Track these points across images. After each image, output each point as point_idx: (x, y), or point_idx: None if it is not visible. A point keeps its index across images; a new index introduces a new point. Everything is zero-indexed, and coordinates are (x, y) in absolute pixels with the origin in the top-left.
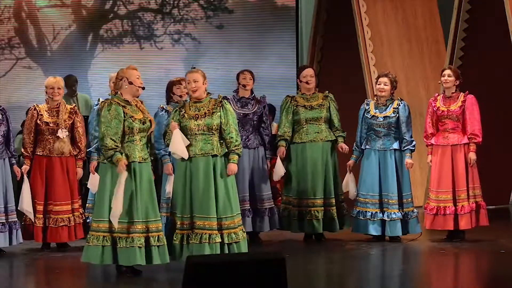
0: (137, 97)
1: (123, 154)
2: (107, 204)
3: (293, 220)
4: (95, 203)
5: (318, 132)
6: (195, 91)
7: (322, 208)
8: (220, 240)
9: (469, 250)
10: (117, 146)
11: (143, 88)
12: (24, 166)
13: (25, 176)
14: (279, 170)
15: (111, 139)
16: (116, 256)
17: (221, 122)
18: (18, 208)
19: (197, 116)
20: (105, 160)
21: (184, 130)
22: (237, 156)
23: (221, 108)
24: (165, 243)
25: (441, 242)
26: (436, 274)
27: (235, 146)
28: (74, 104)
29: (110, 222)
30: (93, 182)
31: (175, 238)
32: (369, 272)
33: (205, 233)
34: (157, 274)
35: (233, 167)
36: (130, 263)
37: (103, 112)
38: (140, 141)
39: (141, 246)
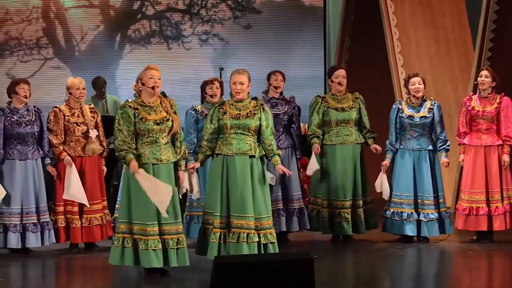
0: (154, 96)
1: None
2: (125, 205)
3: (322, 221)
4: (120, 204)
5: (348, 135)
6: (239, 93)
7: (350, 209)
8: (257, 239)
9: (498, 251)
10: (128, 147)
11: (153, 88)
12: (66, 158)
13: (73, 166)
14: (313, 165)
15: (122, 141)
16: (138, 258)
17: (260, 124)
18: (64, 197)
19: (238, 115)
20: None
21: (222, 129)
22: (279, 157)
23: (262, 110)
24: (186, 245)
25: (469, 243)
26: (469, 276)
27: (275, 148)
28: (90, 104)
29: (130, 223)
30: None
31: (212, 237)
32: (399, 273)
33: (243, 232)
34: (186, 274)
35: (281, 167)
36: (147, 265)
37: (117, 114)
38: (161, 140)
39: (155, 248)
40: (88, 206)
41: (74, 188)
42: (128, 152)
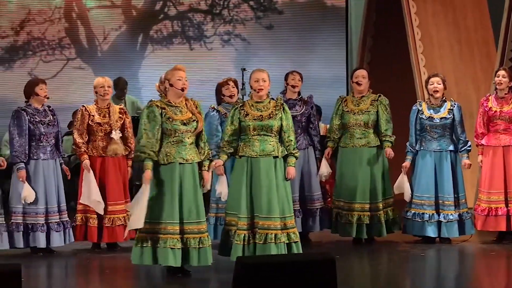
0: (181, 97)
1: (163, 159)
2: (148, 205)
3: (341, 224)
4: None
5: (363, 138)
6: (261, 90)
7: (369, 212)
8: (285, 239)
9: None
10: (151, 151)
11: (182, 90)
12: (85, 161)
13: (91, 172)
14: (323, 170)
15: (146, 142)
16: (157, 257)
17: (282, 125)
18: (80, 201)
19: (261, 117)
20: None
21: (244, 130)
22: (295, 159)
23: (282, 110)
24: (210, 245)
25: (491, 244)
26: (490, 276)
27: (294, 148)
28: (121, 104)
29: (151, 222)
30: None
31: (237, 239)
32: (420, 274)
33: (271, 233)
34: (207, 274)
35: (292, 170)
36: (163, 263)
37: (142, 114)
38: (187, 140)
39: (173, 247)
40: (101, 213)
41: (92, 195)
42: (148, 158)
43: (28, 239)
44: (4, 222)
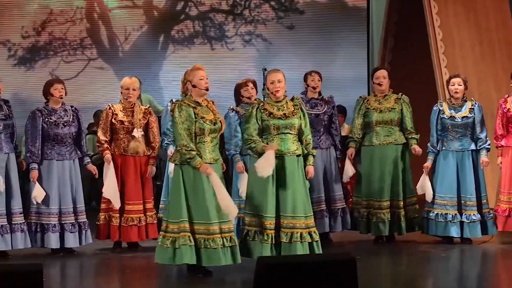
0: (203, 96)
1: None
2: (179, 205)
3: (361, 221)
4: (169, 203)
5: (389, 135)
6: (279, 91)
7: (389, 210)
8: (309, 239)
9: None
10: (194, 149)
11: (207, 89)
12: (107, 155)
13: (111, 165)
14: (348, 170)
15: (188, 140)
16: (200, 257)
17: (300, 123)
18: (103, 194)
19: (284, 115)
20: (176, 161)
21: (267, 129)
22: (313, 158)
23: (300, 109)
24: (237, 243)
25: (511, 244)
26: (511, 277)
27: (312, 148)
28: (148, 105)
29: (174, 223)
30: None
31: (265, 239)
32: (441, 274)
33: (297, 232)
34: (228, 274)
35: (312, 169)
36: (183, 262)
37: (175, 114)
38: (211, 142)
39: (216, 247)
40: (117, 207)
41: (108, 187)
42: (198, 154)
43: (43, 239)
44: (24, 221)
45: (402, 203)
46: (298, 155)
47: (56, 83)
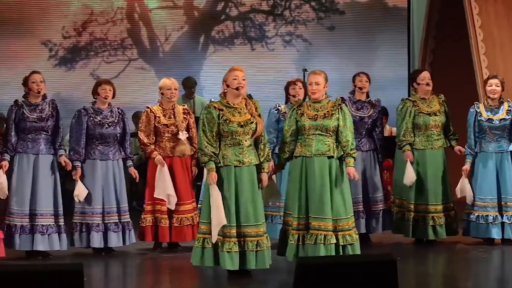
0: (238, 97)
1: (219, 161)
2: (209, 206)
3: (407, 225)
4: (202, 204)
5: (437, 139)
6: (314, 93)
7: (442, 214)
8: (335, 241)
9: None
10: (213, 152)
11: (237, 89)
12: (157, 157)
13: (165, 166)
14: (411, 175)
15: (207, 143)
16: (217, 259)
17: (338, 125)
18: (155, 195)
19: (316, 116)
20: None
21: (300, 130)
22: (354, 160)
23: (339, 110)
24: (268, 247)
25: None
26: None
27: (351, 149)
28: (184, 104)
29: (210, 224)
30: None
31: (291, 239)
32: (482, 275)
33: (320, 234)
34: (267, 275)
35: (352, 170)
36: (222, 266)
37: (200, 116)
38: (244, 143)
39: (230, 251)
40: (173, 209)
41: (166, 188)
42: (212, 159)
43: (88, 238)
44: (63, 224)
45: (447, 206)
46: (329, 157)
47: (104, 83)
